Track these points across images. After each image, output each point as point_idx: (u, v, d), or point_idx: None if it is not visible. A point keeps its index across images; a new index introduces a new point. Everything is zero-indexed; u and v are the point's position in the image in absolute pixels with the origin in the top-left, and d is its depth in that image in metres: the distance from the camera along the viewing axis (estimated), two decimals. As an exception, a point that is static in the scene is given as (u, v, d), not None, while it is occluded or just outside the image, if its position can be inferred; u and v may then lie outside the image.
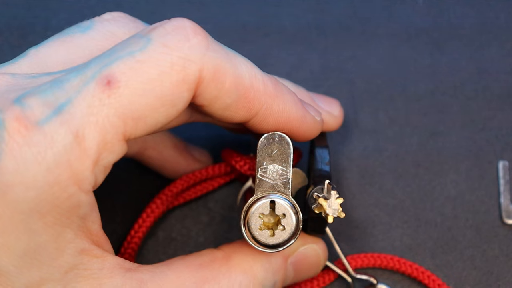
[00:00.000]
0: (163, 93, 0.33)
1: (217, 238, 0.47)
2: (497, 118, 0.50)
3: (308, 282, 0.45)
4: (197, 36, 0.34)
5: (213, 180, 0.46)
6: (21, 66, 0.37)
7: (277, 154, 0.38)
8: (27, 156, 0.31)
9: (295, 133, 0.39)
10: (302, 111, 0.39)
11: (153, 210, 0.44)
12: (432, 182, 0.48)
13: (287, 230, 0.37)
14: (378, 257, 0.45)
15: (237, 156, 0.44)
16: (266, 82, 0.37)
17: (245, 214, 0.37)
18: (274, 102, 0.37)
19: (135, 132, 0.33)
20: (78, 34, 0.38)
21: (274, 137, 0.38)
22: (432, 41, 0.52)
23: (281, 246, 0.37)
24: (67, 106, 0.32)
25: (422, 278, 0.45)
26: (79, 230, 0.33)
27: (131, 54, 0.33)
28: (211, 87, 0.34)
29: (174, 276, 0.36)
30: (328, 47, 0.52)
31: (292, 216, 0.37)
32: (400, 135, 0.49)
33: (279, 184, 0.38)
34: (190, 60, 0.33)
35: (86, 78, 0.32)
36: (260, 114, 0.37)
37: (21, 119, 0.31)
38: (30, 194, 0.31)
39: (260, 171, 0.38)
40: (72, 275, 0.33)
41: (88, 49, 0.38)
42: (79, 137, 0.32)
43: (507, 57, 0.51)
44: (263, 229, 0.37)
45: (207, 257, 0.38)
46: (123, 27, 0.39)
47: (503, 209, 0.47)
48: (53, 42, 0.38)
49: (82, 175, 0.32)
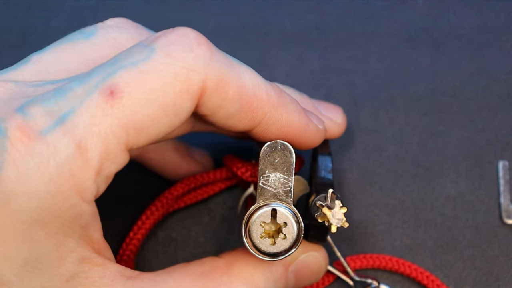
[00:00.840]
0: (166, 103, 0.33)
1: (217, 238, 0.47)
2: (497, 118, 0.50)
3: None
4: (201, 46, 0.34)
5: (214, 184, 0.46)
6: (23, 73, 0.36)
7: (280, 163, 0.38)
8: (29, 166, 0.31)
9: (298, 141, 0.39)
10: (305, 120, 0.38)
11: (152, 212, 0.44)
12: (432, 182, 0.48)
13: (288, 238, 0.37)
14: (377, 258, 0.45)
15: (239, 162, 0.43)
16: (269, 91, 0.37)
17: (247, 222, 0.37)
18: (277, 111, 0.37)
19: (137, 142, 0.33)
20: (81, 41, 0.38)
21: (277, 146, 0.38)
22: (432, 41, 0.52)
23: (282, 255, 0.37)
24: (70, 116, 0.32)
25: (421, 279, 0.45)
26: (80, 239, 0.33)
27: (134, 64, 0.33)
28: (215, 97, 0.34)
29: (175, 285, 0.36)
30: (328, 47, 0.52)
31: (293, 225, 0.37)
32: (400, 135, 0.49)
33: (281, 192, 0.38)
34: (193, 70, 0.33)
35: (89, 87, 0.32)
36: (263, 123, 0.37)
37: (23, 128, 0.31)
38: (32, 204, 0.31)
39: (262, 179, 0.38)
40: (73, 283, 0.33)
41: (91, 56, 0.38)
42: (82, 147, 0.32)
43: (507, 57, 0.51)
44: (264, 238, 0.37)
45: (208, 265, 0.38)
46: (126, 34, 0.39)
47: (503, 209, 0.47)
48: (55, 48, 0.38)
49: (85, 185, 0.32)
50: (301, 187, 0.42)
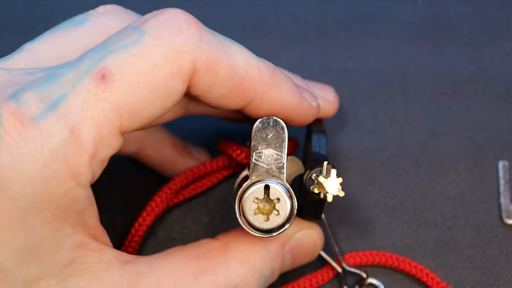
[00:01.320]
0: (158, 85, 0.33)
1: (217, 238, 0.47)
2: (497, 118, 0.50)
3: (306, 279, 0.45)
4: (190, 27, 0.34)
5: (211, 176, 0.46)
6: (16, 61, 0.37)
7: (272, 139, 0.38)
8: (23, 152, 0.31)
9: (291, 118, 0.39)
10: (298, 97, 0.38)
11: (153, 208, 0.44)
12: (432, 182, 0.48)
13: (281, 214, 0.37)
14: (377, 255, 0.45)
15: (234, 145, 0.43)
16: (261, 70, 0.37)
17: (240, 198, 0.37)
18: (269, 90, 0.37)
19: (131, 126, 0.33)
20: (72, 28, 0.38)
21: (269, 122, 0.38)
22: (432, 41, 0.52)
23: (275, 231, 0.37)
24: (62, 101, 0.32)
25: (420, 276, 0.45)
26: (76, 225, 0.33)
27: (124, 48, 0.33)
28: (206, 78, 0.34)
29: (172, 268, 0.36)
30: (328, 47, 0.52)
31: (286, 201, 0.37)
32: (400, 135, 0.49)
33: (273, 168, 0.38)
34: (183, 52, 0.33)
35: (81, 72, 0.32)
36: (256, 101, 0.37)
37: (17, 114, 0.31)
38: (27, 190, 0.31)
39: (255, 156, 0.38)
40: (71, 269, 0.33)
41: (83, 42, 0.38)
42: (75, 132, 0.32)
43: (507, 57, 0.51)
44: (258, 214, 0.37)
45: (205, 247, 0.38)
46: (117, 20, 0.39)
47: (503, 209, 0.47)
48: (48, 37, 0.38)
49: (79, 169, 0.32)
50: (295, 168, 0.42)
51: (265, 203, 0.37)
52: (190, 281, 0.36)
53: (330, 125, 0.49)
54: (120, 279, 0.34)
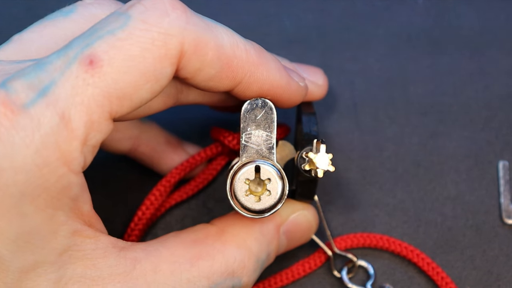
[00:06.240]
0: (146, 69, 0.33)
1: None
2: (497, 118, 0.50)
3: (299, 265, 0.45)
4: (176, 10, 0.34)
5: (207, 170, 0.46)
6: (5, 52, 0.37)
7: (261, 120, 0.38)
8: (14, 139, 0.31)
9: (279, 99, 0.39)
10: (286, 77, 0.39)
11: (152, 202, 0.44)
12: (432, 182, 0.48)
13: (272, 195, 0.37)
14: (368, 237, 0.46)
15: (225, 132, 0.44)
16: (248, 50, 0.37)
17: (231, 180, 0.37)
18: (257, 70, 0.37)
19: (121, 110, 0.33)
20: (60, 18, 0.39)
21: (258, 103, 0.38)
22: (432, 41, 0.52)
23: (268, 211, 0.37)
24: (51, 87, 0.32)
25: (411, 257, 0.45)
26: (70, 212, 0.33)
27: (111, 33, 0.33)
28: (194, 60, 0.35)
29: (168, 253, 0.36)
30: (328, 47, 0.52)
31: (277, 181, 0.37)
32: (400, 135, 0.49)
33: (263, 149, 0.38)
34: (170, 34, 0.34)
35: (69, 59, 0.33)
36: (244, 82, 0.37)
37: (6, 103, 0.31)
38: (20, 178, 0.31)
39: (245, 137, 0.38)
40: (66, 256, 0.33)
41: (71, 32, 0.38)
42: (66, 118, 0.32)
43: (507, 57, 0.51)
44: (249, 195, 0.37)
45: (201, 232, 0.38)
46: (106, 10, 0.39)
47: (503, 209, 0.47)
48: (36, 27, 0.38)
49: (71, 156, 0.32)
50: (287, 152, 0.42)
51: (257, 186, 0.37)
52: (187, 267, 0.36)
53: (330, 125, 0.49)
54: (117, 266, 0.34)
